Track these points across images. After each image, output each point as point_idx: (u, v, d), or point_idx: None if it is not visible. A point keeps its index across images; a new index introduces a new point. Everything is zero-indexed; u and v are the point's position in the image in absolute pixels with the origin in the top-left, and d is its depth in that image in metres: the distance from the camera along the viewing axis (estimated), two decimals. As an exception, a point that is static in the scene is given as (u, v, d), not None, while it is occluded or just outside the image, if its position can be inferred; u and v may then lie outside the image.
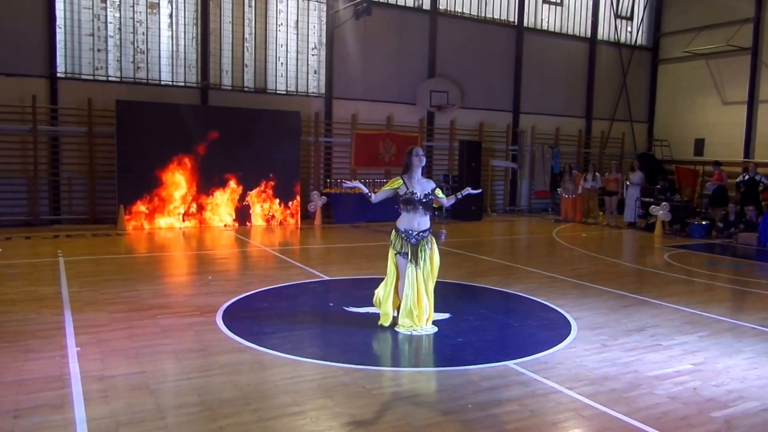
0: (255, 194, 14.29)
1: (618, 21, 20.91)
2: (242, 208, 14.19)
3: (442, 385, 4.76)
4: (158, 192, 13.30)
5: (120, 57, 14.01)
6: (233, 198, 14.08)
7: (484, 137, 18.45)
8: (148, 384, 4.55)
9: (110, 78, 13.93)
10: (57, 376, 4.64)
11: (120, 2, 13.87)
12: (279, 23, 15.69)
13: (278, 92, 15.75)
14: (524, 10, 19.03)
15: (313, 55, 16.23)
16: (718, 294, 8.57)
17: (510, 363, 5.20)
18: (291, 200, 14.67)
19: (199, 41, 14.69)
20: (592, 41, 20.43)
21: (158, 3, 14.27)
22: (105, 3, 13.72)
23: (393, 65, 17.10)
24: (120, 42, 13.98)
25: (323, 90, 16.31)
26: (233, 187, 14.04)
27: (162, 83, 14.45)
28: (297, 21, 15.93)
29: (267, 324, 6.18)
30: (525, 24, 19.10)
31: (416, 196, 6.06)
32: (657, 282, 9.14)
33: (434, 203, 6.25)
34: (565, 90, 20.16)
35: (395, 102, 17.16)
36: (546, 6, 19.65)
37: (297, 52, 15.99)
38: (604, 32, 20.75)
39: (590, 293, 8.06)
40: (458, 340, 5.85)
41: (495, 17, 18.73)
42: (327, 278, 8.66)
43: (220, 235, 12.77)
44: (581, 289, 8.28)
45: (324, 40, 16.20)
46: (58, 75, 13.40)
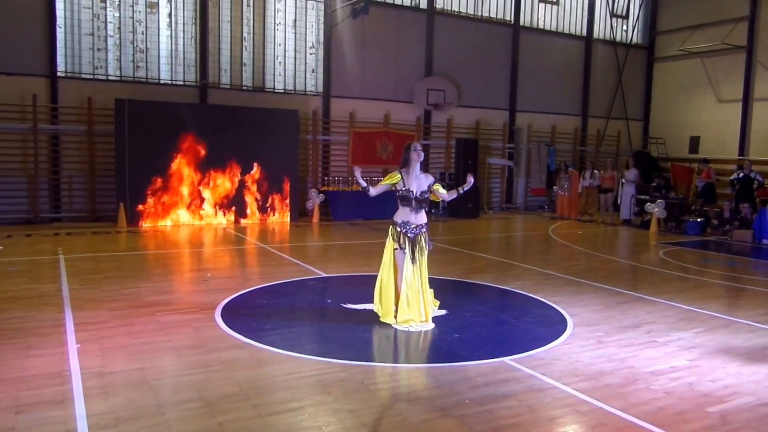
0: (253, 192, 14.32)
1: (614, 19, 20.96)
2: (240, 206, 14.22)
3: (439, 381, 4.78)
4: (157, 190, 13.32)
5: (120, 56, 14.03)
6: (231, 195, 14.11)
7: (481, 135, 18.52)
8: (148, 380, 4.59)
9: (110, 77, 13.95)
10: (57, 373, 4.67)
11: (119, 2, 13.88)
12: (277, 22, 15.71)
13: (276, 91, 15.77)
14: (520, 9, 19.07)
15: (311, 54, 16.25)
16: (714, 291, 8.61)
17: (506, 359, 5.25)
18: (289, 198, 14.69)
19: (198, 40, 14.71)
20: (588, 40, 20.48)
21: (157, 2, 14.27)
22: (105, 3, 13.73)
23: (390, 64, 17.13)
24: (120, 41, 13.99)
25: (321, 88, 16.33)
26: (231, 185, 14.07)
27: (161, 82, 14.47)
28: (295, 20, 15.95)
29: (265, 320, 6.22)
30: (521, 23, 19.14)
31: (412, 194, 6.10)
32: (652, 279, 9.19)
33: (434, 198, 6.28)
34: (561, 88, 20.20)
35: (392, 100, 17.19)
36: (542, 5, 19.70)
37: (295, 51, 16.01)
38: (600, 31, 20.80)
39: (586, 290, 8.11)
40: (455, 337, 5.90)
41: (491, 16, 18.77)
42: (325, 275, 8.69)
43: (219, 233, 12.80)
44: (577, 286, 8.33)
45: (322, 39, 16.22)
46: (59, 74, 13.41)
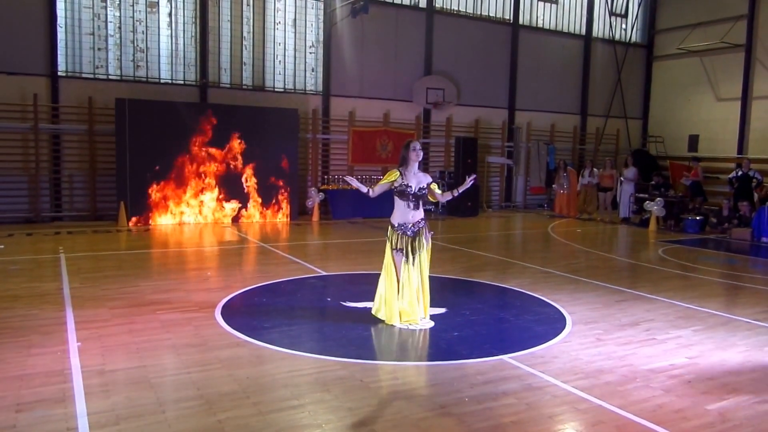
0: (253, 191, 14.33)
1: (613, 18, 20.96)
2: (240, 205, 14.23)
3: (439, 379, 4.79)
4: (158, 189, 13.34)
5: (120, 56, 14.03)
6: (231, 195, 14.11)
7: (480, 134, 18.53)
8: (149, 378, 4.60)
9: (110, 76, 13.95)
10: (58, 371, 4.69)
11: (120, 1, 13.89)
12: (277, 21, 15.72)
13: (276, 90, 15.78)
14: (519, 8, 19.08)
15: (311, 53, 16.26)
16: (713, 289, 8.62)
17: (506, 357, 5.26)
18: (289, 197, 14.70)
19: (198, 40, 14.72)
20: (587, 38, 20.49)
21: (157, 2, 14.28)
22: (105, 2, 13.73)
23: (390, 63, 17.14)
24: (120, 41, 14.00)
25: (321, 87, 16.34)
26: (231, 184, 14.07)
27: (161, 81, 14.47)
28: (295, 19, 15.96)
29: (265, 319, 6.24)
30: (520, 21, 19.15)
31: (410, 189, 6.11)
32: (651, 277, 9.21)
33: (430, 197, 6.28)
34: (560, 87, 20.21)
35: (392, 99, 17.21)
36: (541, 4, 19.70)
37: (295, 50, 16.02)
38: (599, 29, 20.81)
39: (585, 288, 8.13)
40: (454, 335, 5.91)
41: (491, 15, 18.78)
42: (324, 274, 8.71)
43: (219, 232, 12.81)
44: (576, 284, 8.35)
45: (321, 38, 16.23)
46: (59, 74, 13.42)
